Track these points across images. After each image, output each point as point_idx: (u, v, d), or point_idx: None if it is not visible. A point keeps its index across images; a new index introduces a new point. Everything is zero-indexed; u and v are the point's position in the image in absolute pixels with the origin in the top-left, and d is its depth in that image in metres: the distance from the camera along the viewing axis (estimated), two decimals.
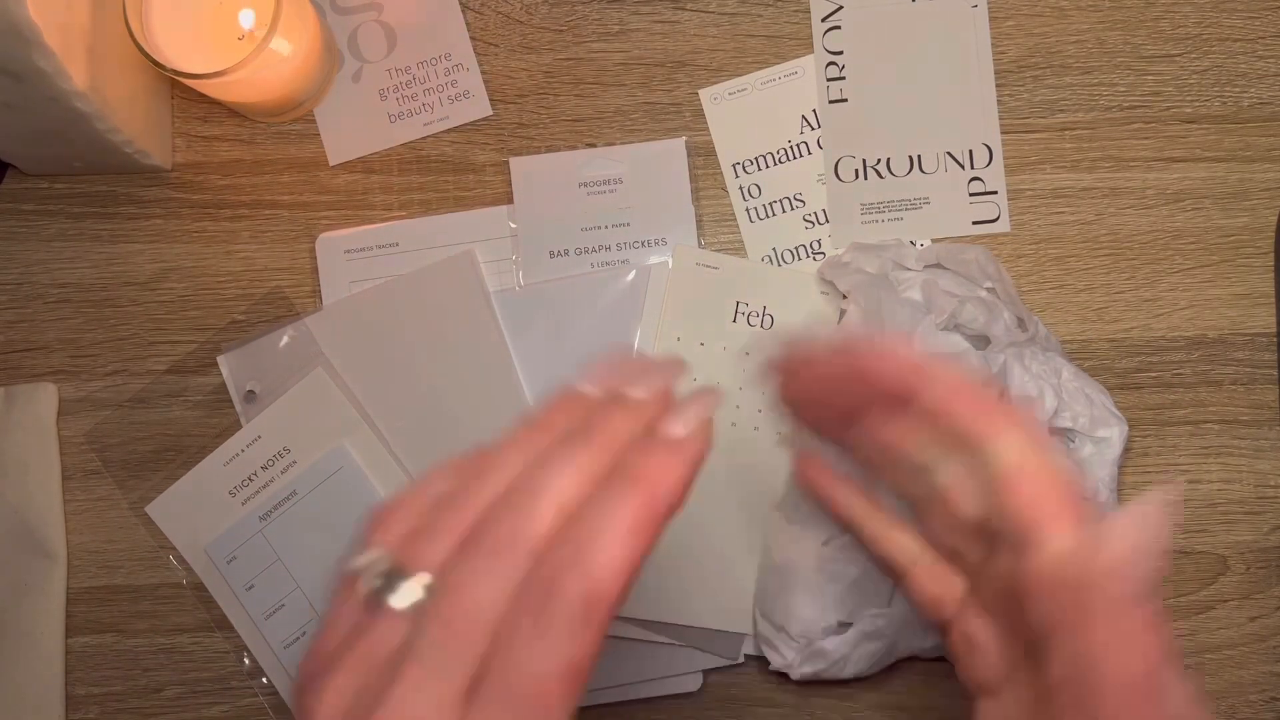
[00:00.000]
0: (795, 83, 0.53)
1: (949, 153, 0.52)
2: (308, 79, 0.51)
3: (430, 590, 0.26)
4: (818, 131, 0.53)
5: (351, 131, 0.53)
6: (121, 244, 0.53)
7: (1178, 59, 0.53)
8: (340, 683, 0.25)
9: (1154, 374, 0.51)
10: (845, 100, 0.53)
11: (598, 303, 0.52)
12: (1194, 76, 0.53)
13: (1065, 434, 0.47)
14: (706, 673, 0.49)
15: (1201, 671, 0.50)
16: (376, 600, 0.26)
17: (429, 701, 0.24)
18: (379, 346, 0.51)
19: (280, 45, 0.47)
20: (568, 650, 0.24)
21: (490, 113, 0.53)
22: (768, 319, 0.51)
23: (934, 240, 0.52)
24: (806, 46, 0.53)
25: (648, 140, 0.53)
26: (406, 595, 0.26)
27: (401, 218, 0.53)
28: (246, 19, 0.48)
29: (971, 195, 0.52)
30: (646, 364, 0.29)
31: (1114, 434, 0.47)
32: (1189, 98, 0.52)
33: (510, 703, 0.24)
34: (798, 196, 0.53)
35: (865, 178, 0.52)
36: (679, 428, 0.27)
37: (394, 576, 0.26)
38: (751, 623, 0.49)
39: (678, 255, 0.52)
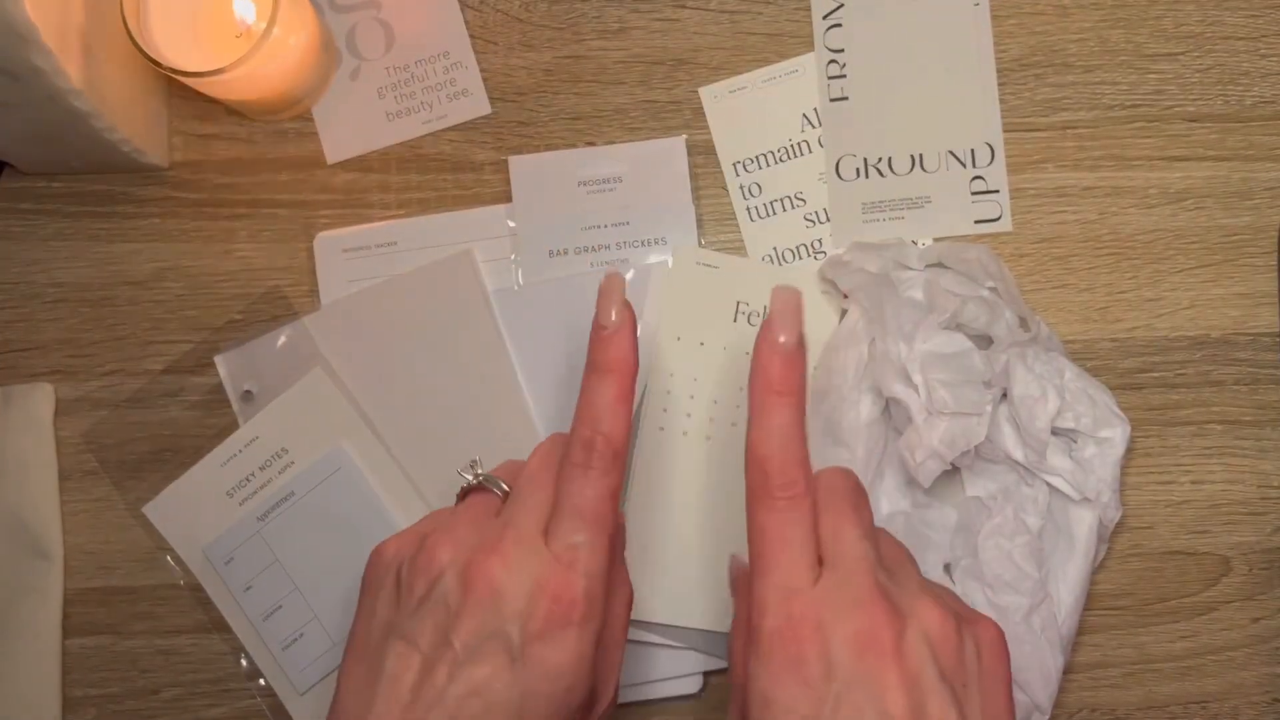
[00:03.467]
0: (796, 81, 0.53)
1: (951, 151, 0.52)
2: (306, 77, 0.51)
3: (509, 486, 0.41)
4: (819, 130, 0.53)
5: (349, 130, 0.53)
6: (119, 243, 0.53)
7: (1180, 57, 0.53)
8: (457, 534, 0.38)
9: (1156, 374, 0.51)
10: (846, 99, 0.53)
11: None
12: (1197, 75, 0.52)
13: (1068, 434, 0.47)
14: (707, 674, 0.49)
15: (1203, 672, 0.49)
16: (476, 488, 0.41)
17: (528, 532, 0.38)
18: (377, 346, 0.51)
19: (278, 43, 0.47)
20: (608, 480, 0.38)
21: (489, 111, 0.53)
22: None
23: (936, 239, 0.52)
24: (807, 44, 0.53)
25: (648, 139, 0.53)
26: (498, 484, 0.41)
27: (400, 216, 0.53)
28: (244, 16, 0.48)
29: (973, 194, 0.52)
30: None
31: (1116, 434, 0.47)
32: (1192, 96, 0.52)
33: (576, 522, 0.37)
34: (799, 195, 0.52)
35: (866, 176, 0.52)
36: (613, 318, 0.39)
37: (490, 479, 0.41)
38: None
39: (678, 254, 0.51)
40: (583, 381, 0.39)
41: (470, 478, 0.41)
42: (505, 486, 0.41)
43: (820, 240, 0.52)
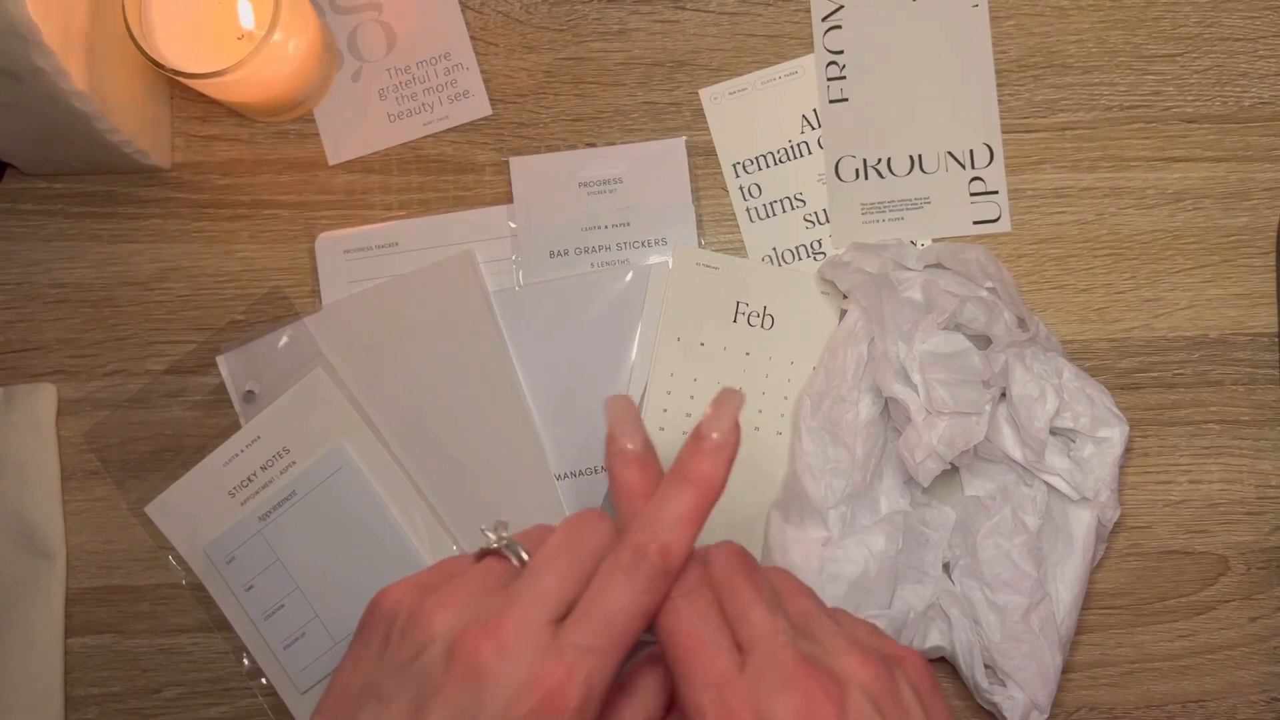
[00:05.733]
0: (795, 82, 0.53)
1: (950, 152, 0.52)
2: (307, 79, 0.51)
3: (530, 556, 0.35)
4: (818, 131, 0.53)
5: (351, 131, 0.53)
6: (120, 244, 0.53)
7: (1178, 59, 0.53)
8: (458, 598, 0.34)
9: (1155, 374, 0.51)
10: (846, 100, 0.53)
11: (597, 303, 0.51)
12: (1195, 76, 0.53)
13: (1066, 434, 0.47)
14: None
15: (1201, 671, 0.50)
16: (493, 552, 0.36)
17: (535, 618, 0.33)
18: (378, 347, 0.51)
19: (279, 45, 0.47)
20: (648, 598, 0.33)
21: (490, 112, 0.53)
22: (768, 319, 0.51)
23: (935, 240, 0.52)
24: (807, 46, 0.53)
25: (648, 140, 0.53)
26: (518, 552, 0.36)
27: (401, 217, 0.53)
28: (246, 18, 0.48)
29: (972, 195, 0.52)
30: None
31: (1115, 434, 0.47)
32: (1190, 97, 0.52)
33: (598, 628, 0.33)
34: (798, 196, 0.53)
35: (866, 177, 0.52)
36: (716, 435, 0.35)
37: (511, 545, 0.36)
38: None
39: (678, 255, 0.52)
40: (662, 483, 0.35)
41: (492, 537, 0.37)
42: (525, 556, 0.36)
43: (820, 241, 0.52)
